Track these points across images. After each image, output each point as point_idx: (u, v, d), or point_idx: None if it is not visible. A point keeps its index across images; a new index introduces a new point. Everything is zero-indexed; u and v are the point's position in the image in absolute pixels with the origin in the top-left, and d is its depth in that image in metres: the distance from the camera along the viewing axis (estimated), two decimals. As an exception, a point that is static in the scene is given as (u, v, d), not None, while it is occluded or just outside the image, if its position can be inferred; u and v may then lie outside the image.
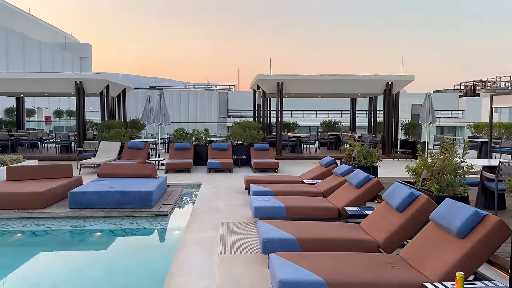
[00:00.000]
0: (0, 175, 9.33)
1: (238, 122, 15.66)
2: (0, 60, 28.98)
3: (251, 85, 18.88)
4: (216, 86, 67.55)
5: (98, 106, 17.16)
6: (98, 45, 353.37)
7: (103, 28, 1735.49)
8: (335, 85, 16.68)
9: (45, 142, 18.40)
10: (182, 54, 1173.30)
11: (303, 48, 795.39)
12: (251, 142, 14.48)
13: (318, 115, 42.53)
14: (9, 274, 4.93)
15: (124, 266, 5.20)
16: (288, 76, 16.20)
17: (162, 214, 7.18)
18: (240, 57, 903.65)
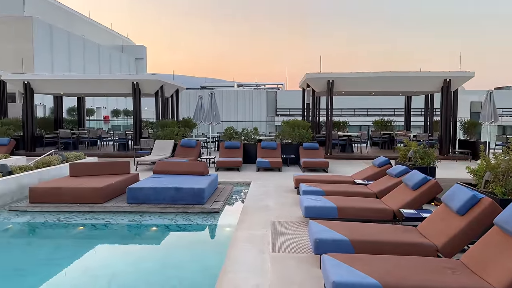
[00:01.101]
0: (64, 171, 9.99)
1: (287, 121, 15.62)
2: (63, 62, 30.98)
3: (300, 83, 18.75)
4: (265, 85, 67.82)
5: (152, 106, 17.85)
6: (151, 46, 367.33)
7: (156, 30, 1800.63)
8: (389, 82, 16.14)
9: (103, 140, 19.42)
10: (231, 54, 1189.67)
11: (354, 46, 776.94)
12: (300, 141, 14.38)
13: (370, 113, 41.41)
14: (71, 265, 5.25)
15: (178, 261, 5.36)
16: (339, 73, 15.90)
17: (213, 211, 7.32)
18: (289, 56, 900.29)
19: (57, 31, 30.10)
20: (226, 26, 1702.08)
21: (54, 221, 6.81)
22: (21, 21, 26.89)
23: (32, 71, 26.04)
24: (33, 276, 4.91)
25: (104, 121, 35.45)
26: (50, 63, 28.98)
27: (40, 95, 22.32)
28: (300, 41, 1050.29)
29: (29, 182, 8.59)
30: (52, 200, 7.50)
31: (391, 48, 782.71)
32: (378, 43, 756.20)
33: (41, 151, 15.96)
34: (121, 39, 47.48)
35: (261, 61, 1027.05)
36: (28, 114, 16.72)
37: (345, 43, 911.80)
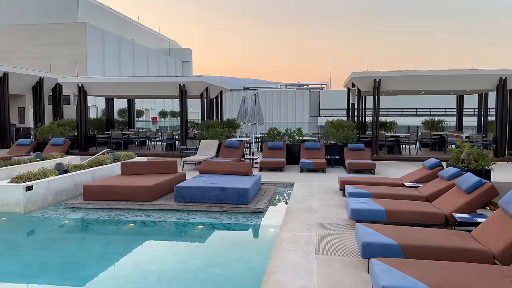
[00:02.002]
0: (115, 170, 10.44)
1: (331, 121, 15.40)
2: (114, 66, 32.41)
3: (345, 83, 18.42)
4: (308, 85, 67.27)
5: (197, 107, 18.23)
6: (197, 49, 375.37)
7: (201, 33, 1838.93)
8: (440, 81, 15.46)
9: (152, 140, 20.10)
10: (275, 55, 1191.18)
11: (401, 44, 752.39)
12: (345, 142, 14.13)
13: (418, 113, 39.90)
14: (122, 260, 5.47)
15: (223, 259, 5.43)
16: (386, 72, 15.45)
17: (257, 211, 7.36)
18: (333, 55, 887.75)
19: (109, 36, 31.54)
20: (269, 26, 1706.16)
21: (107, 218, 7.13)
22: (75, 27, 28.45)
23: (86, 75, 27.47)
24: (87, 269, 5.17)
25: (152, 122, 36.69)
26: (102, 67, 30.43)
27: (93, 97, 23.47)
28: (344, 40, 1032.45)
29: (83, 180, 9.06)
30: (105, 197, 7.86)
31: (440, 46, 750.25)
32: (426, 42, 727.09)
33: (94, 150, 16.78)
34: (168, 43, 48.95)
35: (304, 61, 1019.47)
36: (82, 115, 17.63)
37: (392, 41, 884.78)
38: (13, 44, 28.24)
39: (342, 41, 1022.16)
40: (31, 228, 6.95)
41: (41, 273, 4.96)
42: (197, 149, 14.11)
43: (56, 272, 4.99)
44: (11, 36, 28.32)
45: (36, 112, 20.81)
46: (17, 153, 13.71)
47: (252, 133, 16.29)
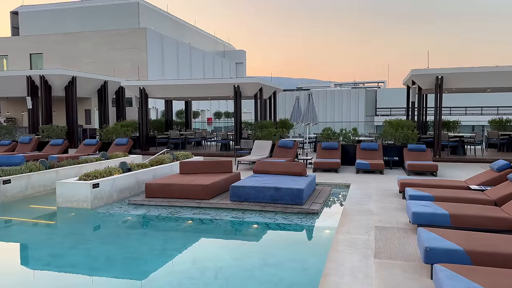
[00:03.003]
0: (174, 169, 10.83)
1: (389, 121, 14.86)
2: (172, 69, 33.65)
3: (404, 81, 17.69)
4: (364, 84, 65.50)
5: (251, 108, 18.41)
6: (250, 50, 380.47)
7: (255, 35, 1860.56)
8: (509, 77, 14.37)
9: (207, 140, 20.62)
10: (328, 53, 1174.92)
11: (464, 41, 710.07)
12: (404, 142, 13.57)
13: (484, 111, 37.37)
14: (181, 256, 5.65)
15: (278, 259, 5.44)
16: (449, 69, 14.63)
17: (312, 212, 7.28)
18: (390, 53, 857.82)
19: (167, 40, 32.82)
20: (322, 25, 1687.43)
21: (167, 215, 7.41)
22: (136, 33, 29.91)
23: (146, 78, 28.77)
24: (148, 264, 5.40)
25: (208, 122, 37.62)
26: (161, 70, 31.72)
27: (153, 99, 24.53)
28: (402, 37, 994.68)
29: (145, 178, 9.49)
30: (165, 195, 8.18)
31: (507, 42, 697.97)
32: (491, 39, 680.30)
33: (154, 150, 17.53)
34: (223, 45, 49.95)
35: (360, 59, 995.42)
36: (143, 117, 18.49)
37: (454, 38, 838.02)
38: (81, 50, 30.28)
39: (400, 38, 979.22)
40: (97, 223, 7.40)
41: (106, 267, 5.25)
42: (251, 149, 14.25)
43: (119, 266, 5.27)
44: (79, 42, 30.40)
45: (101, 114, 22.16)
46: (84, 153, 14.69)
47: (306, 133, 16.16)
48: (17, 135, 19.35)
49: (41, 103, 19.14)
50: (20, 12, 35.27)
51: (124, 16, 33.02)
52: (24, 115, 26.58)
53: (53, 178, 9.50)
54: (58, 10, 34.38)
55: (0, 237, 6.77)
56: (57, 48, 30.59)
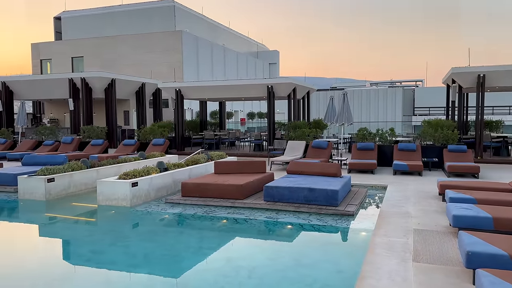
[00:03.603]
0: (209, 169, 10.98)
1: (428, 121, 14.40)
2: (207, 70, 34.15)
3: (444, 79, 17.09)
4: (401, 83, 63.82)
5: (284, 108, 18.37)
6: (283, 50, 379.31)
7: (288, 35, 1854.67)
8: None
9: (241, 140, 20.77)
10: (363, 52, 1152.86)
11: (508, 39, 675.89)
12: (444, 143, 13.11)
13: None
14: (216, 255, 5.72)
15: (312, 260, 5.39)
16: (492, 67, 14.00)
17: (347, 213, 7.17)
18: (429, 50, 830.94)
19: (202, 42, 33.35)
20: (356, 24, 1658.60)
21: (202, 214, 7.53)
22: (172, 35, 30.58)
23: (182, 79, 29.36)
24: (184, 261, 5.52)
25: (241, 123, 37.90)
26: (196, 72, 32.27)
27: (188, 100, 24.98)
28: (442, 34, 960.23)
29: (181, 177, 9.68)
30: (200, 194, 8.31)
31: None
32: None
33: (189, 150, 17.85)
34: (256, 46, 50.17)
35: (396, 58, 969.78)
36: (179, 118, 18.87)
37: (495, 36, 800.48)
38: (119, 53, 31.32)
39: (439, 35, 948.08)
40: (136, 221, 7.62)
41: (144, 263, 5.40)
42: (284, 150, 14.22)
43: (157, 263, 5.40)
44: (118, 45, 31.44)
45: (139, 115, 22.81)
46: (123, 152, 15.17)
47: (340, 134, 15.94)
48: (60, 135, 20.24)
49: (82, 104, 19.94)
50: (63, 17, 36.90)
51: (161, 19, 33.84)
52: (66, 116, 27.79)
53: (94, 177, 9.87)
54: (97, 15, 35.72)
55: (45, 233, 7.12)
56: (97, 52, 31.78)
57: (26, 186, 8.83)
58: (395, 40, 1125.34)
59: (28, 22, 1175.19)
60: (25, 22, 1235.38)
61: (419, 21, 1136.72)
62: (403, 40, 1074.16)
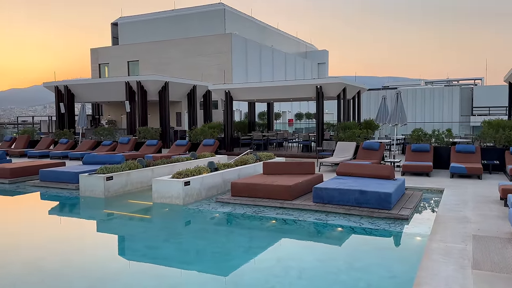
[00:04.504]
0: (257, 169, 11.07)
1: (488, 121, 13.57)
2: (255, 71, 34.43)
3: (506, 77, 16.03)
4: (458, 81, 60.62)
5: (333, 108, 18.10)
6: (333, 49, 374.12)
7: (338, 34, 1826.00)
8: None
9: (289, 141, 20.72)
10: (418, 50, 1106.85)
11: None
12: (506, 145, 12.29)
13: None
14: (266, 254, 5.76)
15: (364, 264, 5.28)
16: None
17: (401, 217, 6.94)
18: (489, 47, 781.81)
19: (251, 44, 33.68)
20: (409, 20, 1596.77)
21: (251, 214, 7.61)
22: (222, 38, 31.15)
23: (231, 81, 29.83)
24: (234, 260, 5.61)
25: (289, 124, 37.80)
26: (245, 73, 32.64)
27: (236, 101, 25.34)
28: (503, 30, 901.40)
29: (231, 177, 9.85)
30: (249, 194, 8.40)
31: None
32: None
33: (238, 150, 18.09)
34: (305, 46, 49.82)
35: (453, 55, 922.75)
36: (228, 119, 19.19)
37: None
38: (173, 56, 32.40)
39: (500, 31, 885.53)
40: (188, 218, 7.86)
41: (195, 260, 5.56)
42: (333, 151, 14.00)
43: (208, 260, 5.54)
44: (170, 49, 32.54)
45: (190, 116, 23.48)
46: (176, 152, 15.68)
47: (393, 135, 15.43)
48: (117, 136, 21.31)
49: (138, 106, 20.86)
50: (119, 23, 38.79)
51: (211, 23, 34.60)
52: (123, 118, 29.19)
53: (149, 176, 10.30)
54: (151, 20, 37.18)
55: (104, 229, 7.53)
56: (151, 55, 33.10)
57: (87, 184, 9.40)
58: (451, 37, 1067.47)
59: (88, 29, 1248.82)
60: (85, 29, 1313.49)
61: (477, 16, 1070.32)
62: (460, 36, 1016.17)
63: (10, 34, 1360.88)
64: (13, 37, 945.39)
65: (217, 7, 34.85)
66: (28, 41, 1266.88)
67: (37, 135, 23.31)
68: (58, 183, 10.47)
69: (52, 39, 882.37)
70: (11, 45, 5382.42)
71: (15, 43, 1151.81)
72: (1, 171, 11.44)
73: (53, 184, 10.51)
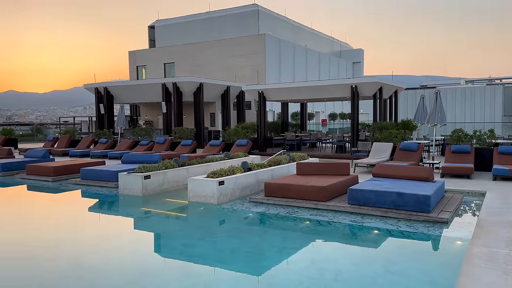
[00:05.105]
0: (291, 169, 11.03)
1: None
2: (288, 72, 34.33)
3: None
4: (501, 80, 57.89)
5: (368, 108, 17.76)
6: (369, 48, 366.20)
7: (374, 33, 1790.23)
8: None
9: (322, 142, 20.52)
10: (457, 48, 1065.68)
11: None
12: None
13: None
14: (299, 256, 5.72)
15: (402, 268, 5.14)
16: None
17: (441, 221, 6.71)
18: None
19: (284, 44, 33.61)
20: (448, 18, 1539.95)
21: (285, 214, 7.60)
22: (256, 39, 31.28)
23: (264, 82, 29.89)
24: (268, 260, 5.61)
25: (322, 124, 37.42)
26: (278, 73, 32.61)
27: (269, 102, 25.38)
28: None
29: (264, 177, 9.87)
30: (282, 194, 8.39)
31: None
32: None
33: (271, 151, 18.10)
34: (339, 45, 49.17)
35: (495, 54, 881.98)
36: (261, 119, 19.24)
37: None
38: (207, 58, 32.88)
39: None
40: (222, 218, 7.94)
41: (230, 259, 5.61)
42: (369, 152, 13.73)
43: (241, 260, 5.57)
44: (205, 51, 33.04)
45: (224, 117, 23.73)
46: (210, 152, 15.89)
47: (432, 135, 14.95)
48: (154, 136, 21.86)
49: (173, 107, 21.31)
50: (156, 26, 39.76)
51: (245, 24, 34.81)
52: (159, 118, 29.90)
53: (184, 175, 10.50)
54: (187, 22, 37.86)
55: (141, 227, 7.74)
56: (186, 57, 33.72)
57: (126, 182, 9.69)
58: (493, 36, 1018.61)
59: (126, 32, 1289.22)
60: (123, 32, 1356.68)
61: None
62: (502, 35, 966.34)
63: (52, 38, 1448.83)
64: (54, 40, 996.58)
65: (251, 8, 35.03)
66: (70, 45, 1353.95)
67: (78, 135, 24.31)
68: (98, 182, 10.87)
69: (91, 42, 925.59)
70: (53, 49, 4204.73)
71: (57, 46, 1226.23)
72: (45, 169, 12.01)
73: (93, 182, 10.92)
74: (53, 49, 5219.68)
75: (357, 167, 13.12)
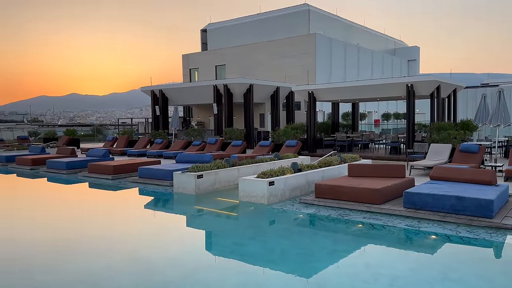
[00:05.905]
0: (342, 171, 10.83)
1: None
2: (339, 71, 33.71)
3: None
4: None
5: (424, 108, 17.01)
6: (426, 46, 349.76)
7: (431, 30, 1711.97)
8: None
9: (375, 143, 19.94)
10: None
11: None
12: None
13: None
14: (352, 259, 5.60)
15: (461, 275, 4.89)
16: None
17: (505, 227, 6.28)
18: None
19: (335, 43, 33.06)
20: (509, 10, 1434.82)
21: (336, 216, 7.47)
22: (306, 39, 31.04)
23: (314, 82, 29.59)
24: (319, 262, 5.55)
25: (375, 124, 36.34)
26: (329, 73, 32.14)
27: (319, 102, 25.10)
28: None
29: (314, 179, 9.77)
30: (333, 196, 8.25)
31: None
32: None
33: (321, 152, 17.88)
34: (393, 43, 47.52)
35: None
36: (311, 120, 19.07)
37: None
38: (257, 59, 33.14)
39: None
40: (272, 218, 7.97)
41: (280, 260, 5.61)
42: (426, 153, 13.15)
43: (291, 260, 5.55)
44: (255, 52, 33.31)
45: (273, 117, 23.79)
46: (259, 153, 16.00)
47: (495, 136, 14.03)
48: (206, 136, 22.41)
49: (224, 108, 21.71)
50: (208, 29, 40.71)
51: (296, 24, 34.69)
52: (210, 120, 30.58)
53: (235, 175, 10.66)
54: (238, 25, 38.42)
55: (194, 224, 7.97)
56: (237, 59, 34.20)
57: (180, 181, 10.02)
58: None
59: (180, 35, 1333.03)
60: (177, 35, 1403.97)
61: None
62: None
63: (109, 42, 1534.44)
64: (112, 45, 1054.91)
65: (301, 8, 34.84)
66: (127, 49, 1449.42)
67: (135, 136, 25.48)
68: (155, 180, 11.33)
69: (147, 46, 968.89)
70: (112, 53, 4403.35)
71: (114, 50, 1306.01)
72: (105, 168, 12.71)
73: (150, 181, 11.40)
74: (112, 53, 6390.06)
75: (413, 169, 12.62)
